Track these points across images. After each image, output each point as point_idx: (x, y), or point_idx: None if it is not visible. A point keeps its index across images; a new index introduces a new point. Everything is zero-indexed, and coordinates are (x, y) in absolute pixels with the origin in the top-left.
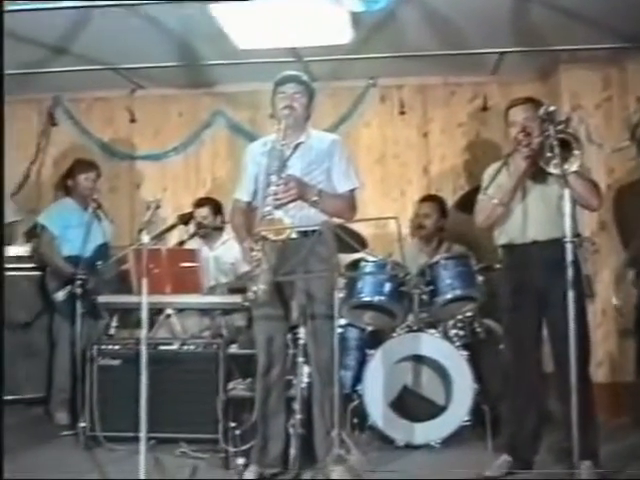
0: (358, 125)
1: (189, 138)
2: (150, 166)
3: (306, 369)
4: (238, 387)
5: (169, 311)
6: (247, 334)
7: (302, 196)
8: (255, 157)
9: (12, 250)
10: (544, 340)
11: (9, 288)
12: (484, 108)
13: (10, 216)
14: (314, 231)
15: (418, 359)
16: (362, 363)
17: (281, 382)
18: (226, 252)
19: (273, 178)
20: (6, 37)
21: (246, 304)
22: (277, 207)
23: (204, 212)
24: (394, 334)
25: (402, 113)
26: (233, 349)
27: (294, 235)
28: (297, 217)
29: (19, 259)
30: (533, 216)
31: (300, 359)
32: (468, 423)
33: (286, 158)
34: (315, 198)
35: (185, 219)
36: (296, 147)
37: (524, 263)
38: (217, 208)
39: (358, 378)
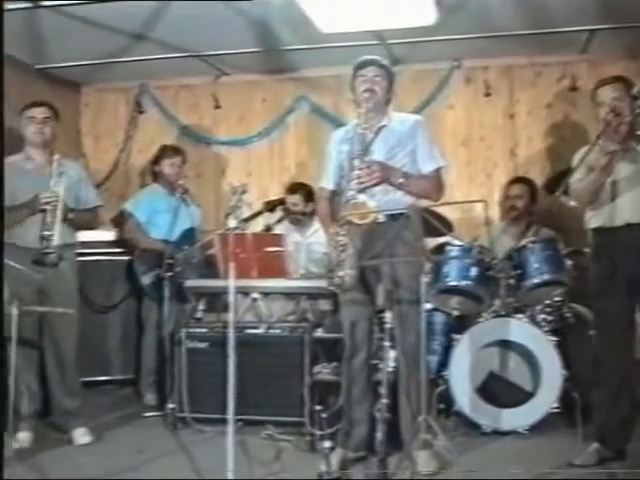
0: (442, 108)
1: (273, 123)
2: (235, 152)
3: (392, 353)
4: (324, 371)
5: (255, 295)
6: (332, 318)
7: (386, 179)
8: (339, 145)
9: (98, 235)
10: (636, 326)
11: (97, 272)
12: (572, 88)
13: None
14: (401, 215)
15: (505, 344)
16: (448, 348)
17: (367, 366)
18: (318, 240)
19: (356, 162)
20: (92, 26)
21: (332, 289)
22: (361, 191)
23: (295, 198)
24: (480, 319)
25: (487, 95)
26: (319, 333)
27: (381, 219)
28: (383, 201)
29: (106, 244)
30: (625, 197)
31: (386, 343)
32: (557, 410)
33: (369, 142)
34: (400, 180)
35: (272, 206)
36: (378, 131)
37: (615, 247)
38: (309, 194)
39: (444, 363)
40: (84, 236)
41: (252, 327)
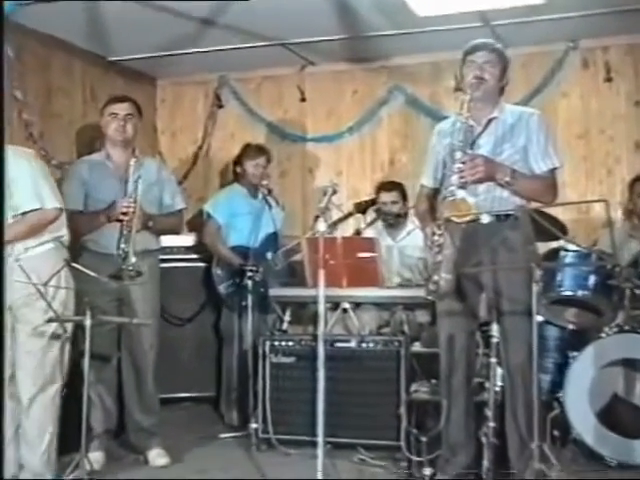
0: (555, 96)
1: (364, 117)
2: (323, 148)
3: (499, 371)
4: (421, 389)
5: (346, 305)
6: (431, 331)
7: (491, 176)
8: (442, 138)
9: (174, 239)
10: None
11: (171, 280)
12: None
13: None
14: (507, 216)
15: (631, 364)
16: (562, 366)
17: (469, 385)
18: (412, 244)
19: (458, 155)
20: (165, 13)
21: (429, 298)
22: (461, 187)
23: (390, 197)
24: (602, 334)
25: (608, 80)
26: (416, 347)
27: (485, 220)
28: (487, 200)
29: (182, 249)
30: None
31: (492, 360)
32: None
33: (476, 135)
34: (507, 179)
35: (363, 207)
36: (488, 123)
37: None
38: (403, 194)
39: (558, 383)
40: (163, 241)
41: (342, 340)
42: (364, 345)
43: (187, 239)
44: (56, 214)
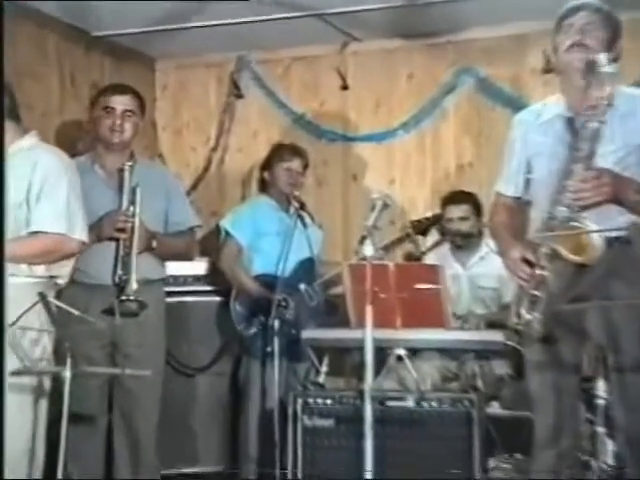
0: None
1: (424, 109)
2: (371, 149)
3: (610, 445)
4: (502, 466)
5: (400, 352)
6: (514, 388)
7: (617, 195)
8: (526, 134)
9: (182, 267)
10: None
11: (179, 318)
12: None
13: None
14: (616, 239)
15: None
16: None
17: (570, 461)
18: (487, 272)
19: (577, 167)
20: None
21: (511, 344)
22: (578, 210)
23: (458, 212)
24: None
25: None
26: (493, 409)
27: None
28: (591, 218)
29: (192, 279)
30: None
31: (600, 429)
32: None
33: (591, 134)
34: (637, 197)
35: (423, 226)
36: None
37: None
38: (476, 208)
39: None
40: (169, 269)
41: (397, 398)
42: (424, 404)
43: (199, 266)
44: (78, 249)
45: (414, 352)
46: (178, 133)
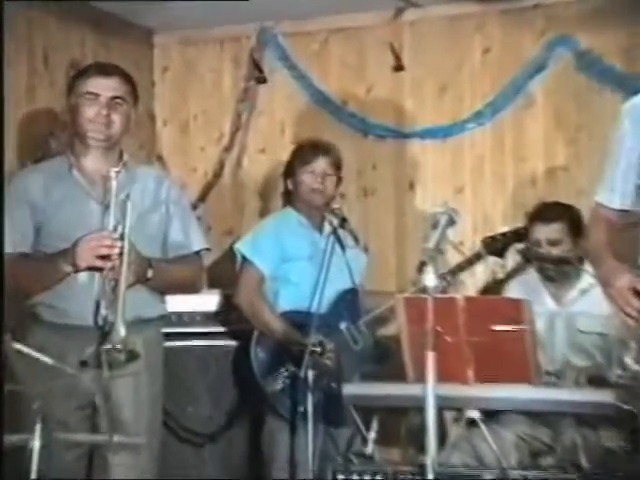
0: None
1: (504, 93)
2: (433, 148)
3: None
4: None
5: (473, 415)
6: (629, 463)
7: None
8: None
9: (191, 303)
10: None
11: (183, 370)
12: None
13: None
14: None
15: None
16: None
17: None
18: (588, 309)
19: None
20: None
21: (625, 407)
22: None
23: (550, 232)
24: None
25: None
26: None
27: None
28: None
29: (201, 318)
30: None
31: None
32: None
33: None
34: None
35: (500, 246)
36: None
37: None
38: (575, 225)
39: None
40: (169, 304)
41: (469, 476)
42: None
43: (209, 300)
44: None
45: (492, 415)
46: (183, 128)
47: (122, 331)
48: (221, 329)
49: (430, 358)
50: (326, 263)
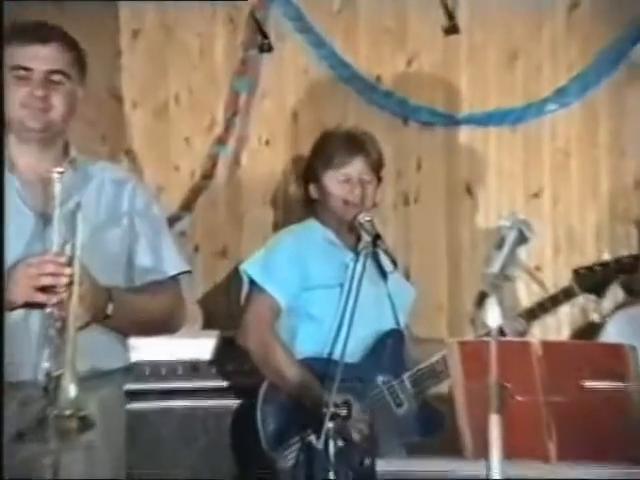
0: None
1: (597, 64)
2: (498, 138)
3: None
4: None
5: None
6: None
7: None
8: None
9: (170, 348)
10: None
11: (157, 441)
12: None
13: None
14: None
15: None
16: None
17: None
18: None
19: None
20: None
21: None
22: None
23: None
24: None
25: None
26: None
27: None
28: None
29: (186, 370)
30: None
31: None
32: None
33: None
34: None
35: (597, 280)
36: None
37: None
38: None
39: None
40: (140, 351)
41: None
42: None
43: (195, 344)
44: None
45: None
46: (160, 113)
47: (72, 390)
48: (213, 384)
49: (495, 424)
50: (360, 294)
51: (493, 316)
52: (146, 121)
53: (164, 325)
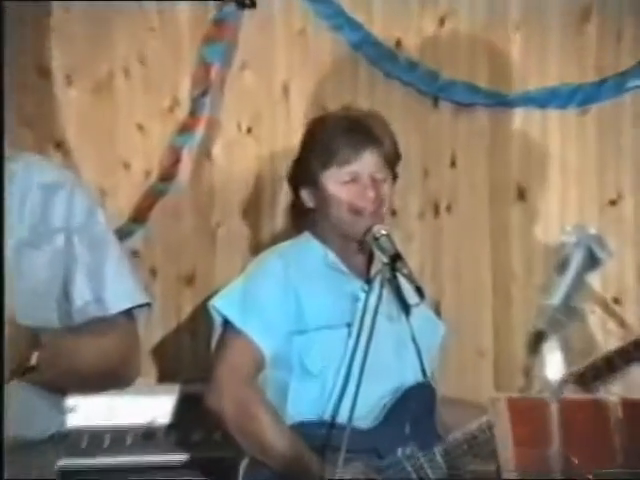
0: None
1: None
2: (562, 125)
3: None
4: None
5: None
6: None
7: None
8: None
9: (116, 409)
10: None
11: None
12: None
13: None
14: None
15: None
16: None
17: None
18: None
19: None
20: None
21: None
22: None
23: None
24: None
25: None
26: None
27: None
28: None
29: (136, 440)
30: None
31: None
32: None
33: None
34: None
35: None
36: None
37: None
38: None
39: None
40: (76, 414)
41: None
42: None
43: (153, 405)
44: None
45: None
46: (103, 92)
47: None
48: (173, 458)
49: None
50: (374, 336)
51: (554, 365)
52: (84, 103)
53: (111, 378)
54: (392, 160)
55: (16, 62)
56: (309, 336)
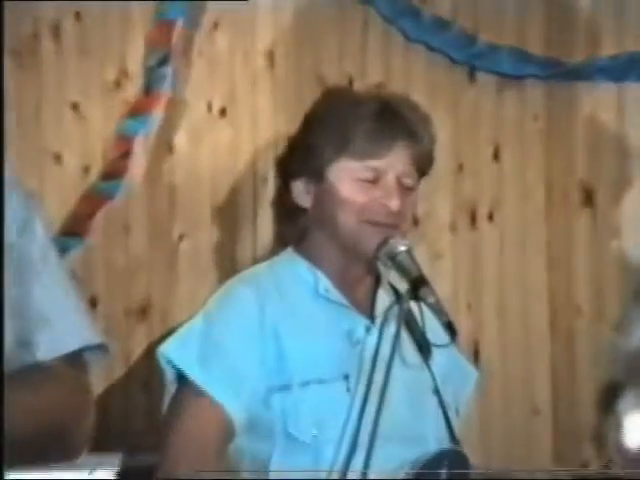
0: None
1: None
2: None
3: None
4: None
5: None
6: None
7: None
8: None
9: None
10: None
11: None
12: None
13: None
14: None
15: None
16: None
17: None
18: None
19: None
20: None
21: None
22: None
23: None
24: None
25: None
26: None
27: None
28: None
29: None
30: None
31: None
32: None
33: None
34: None
35: None
36: None
37: None
38: None
39: None
40: None
41: None
42: None
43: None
44: None
45: None
46: (24, 59)
47: None
48: None
49: None
50: (388, 390)
51: (634, 428)
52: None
53: (48, 446)
54: (425, 164)
55: None
56: (294, 394)
